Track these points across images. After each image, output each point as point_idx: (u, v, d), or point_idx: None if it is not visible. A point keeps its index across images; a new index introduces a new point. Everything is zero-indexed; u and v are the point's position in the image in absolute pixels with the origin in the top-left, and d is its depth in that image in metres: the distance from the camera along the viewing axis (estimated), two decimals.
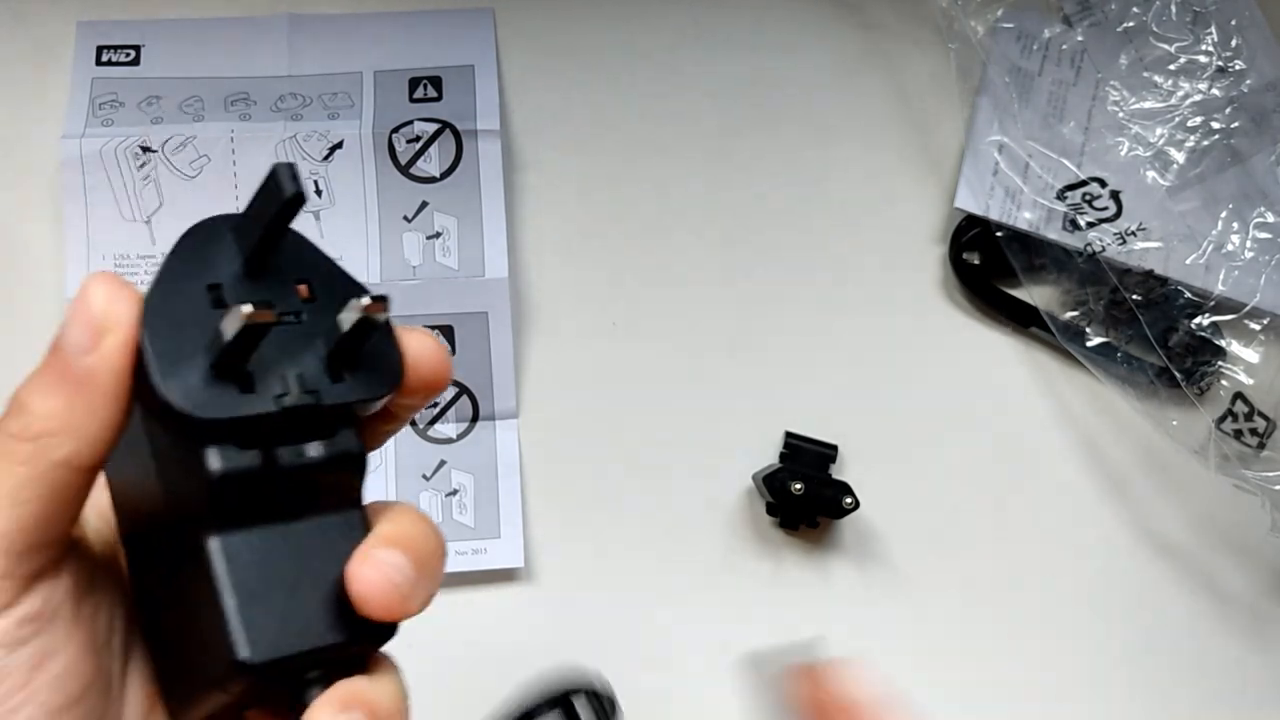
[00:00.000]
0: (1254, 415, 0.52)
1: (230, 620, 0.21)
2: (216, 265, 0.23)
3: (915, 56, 0.57)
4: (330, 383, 0.23)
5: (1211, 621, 0.52)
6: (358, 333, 0.23)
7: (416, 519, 0.24)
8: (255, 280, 0.23)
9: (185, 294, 0.22)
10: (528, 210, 0.54)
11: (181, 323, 0.22)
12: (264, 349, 0.22)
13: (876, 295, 0.55)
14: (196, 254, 0.23)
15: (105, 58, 0.53)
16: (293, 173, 0.22)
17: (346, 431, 0.23)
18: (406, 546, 0.23)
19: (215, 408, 0.21)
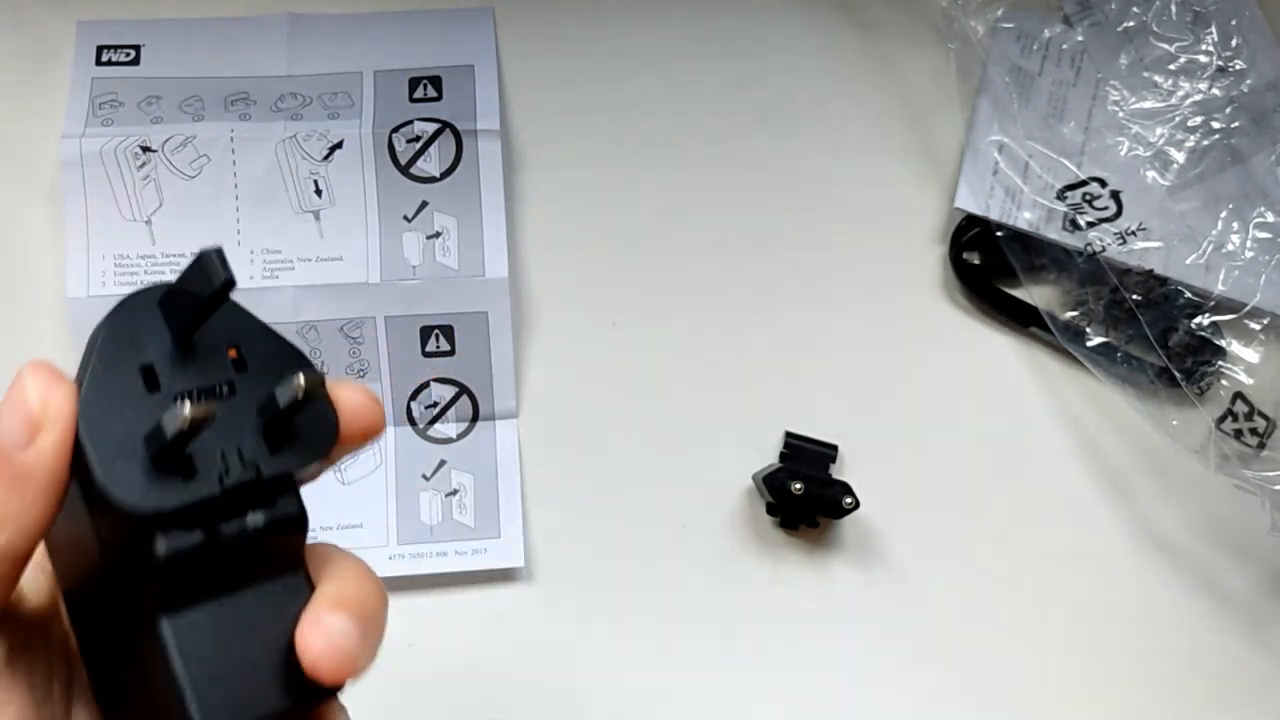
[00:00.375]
0: (1254, 415, 0.52)
1: (186, 697, 0.22)
2: (147, 344, 0.23)
3: (915, 57, 0.57)
4: (269, 454, 0.23)
5: (1211, 621, 0.52)
6: (295, 406, 0.23)
7: (359, 574, 0.24)
8: (186, 355, 0.23)
9: (119, 380, 0.22)
10: (528, 210, 0.54)
11: (118, 411, 0.22)
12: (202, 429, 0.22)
13: (876, 295, 0.55)
14: (126, 333, 0.23)
15: (105, 57, 0.53)
16: (222, 259, 0.22)
17: (286, 497, 0.23)
18: (352, 608, 0.23)
19: (160, 499, 0.21)
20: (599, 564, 0.51)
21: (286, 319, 0.50)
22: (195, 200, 0.50)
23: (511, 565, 0.50)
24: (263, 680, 0.23)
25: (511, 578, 0.51)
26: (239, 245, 0.50)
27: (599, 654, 0.50)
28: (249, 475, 0.22)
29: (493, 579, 0.51)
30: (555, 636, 0.51)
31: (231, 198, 0.51)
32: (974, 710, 0.51)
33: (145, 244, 0.50)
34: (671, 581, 0.51)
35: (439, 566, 0.50)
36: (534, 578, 0.51)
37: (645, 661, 0.50)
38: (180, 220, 0.50)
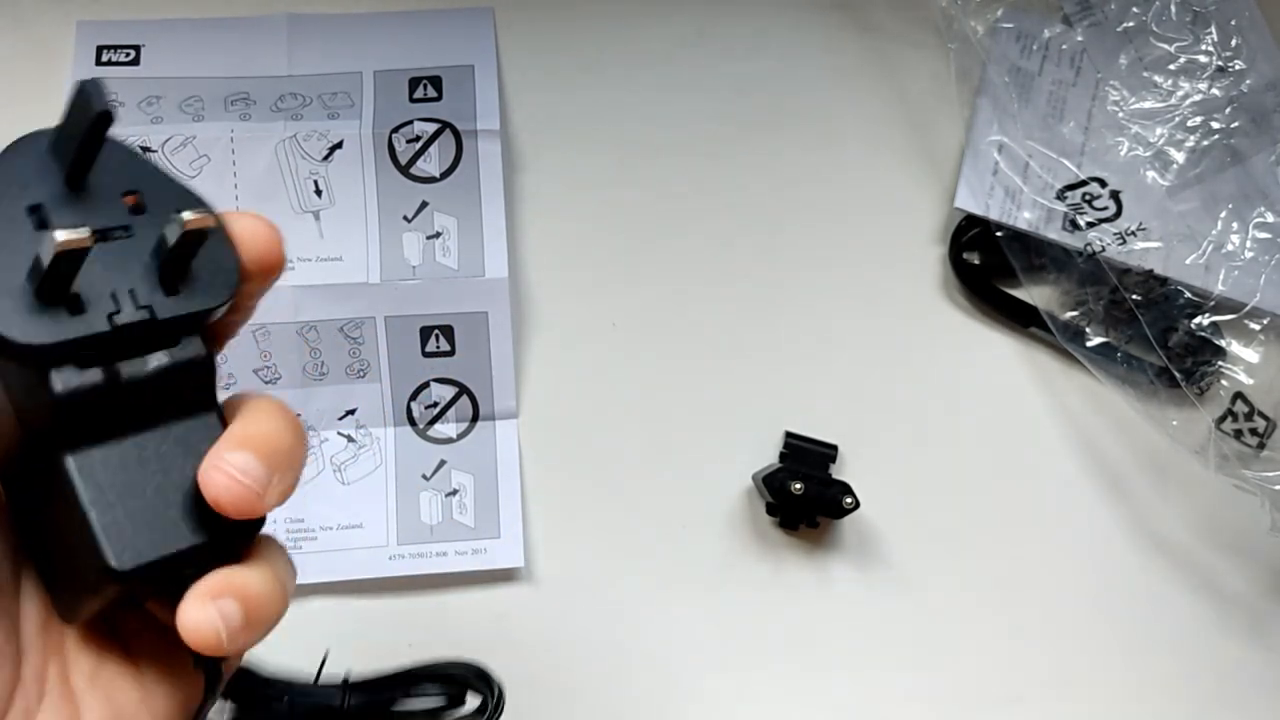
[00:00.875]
0: (1254, 415, 0.52)
1: (96, 532, 0.22)
2: (37, 184, 0.23)
3: (915, 57, 0.57)
4: (164, 296, 0.23)
5: (1211, 621, 0.52)
6: (186, 245, 0.23)
7: (270, 413, 0.24)
8: (79, 198, 0.23)
9: (6, 217, 0.22)
10: (528, 210, 0.54)
11: (5, 248, 0.22)
12: (93, 268, 0.22)
13: (876, 295, 0.55)
14: (15, 174, 0.23)
15: (105, 58, 0.53)
16: (99, 89, 0.22)
17: (190, 339, 0.24)
18: (257, 445, 0.23)
19: (44, 333, 0.21)
20: (599, 564, 0.51)
21: (286, 319, 0.50)
22: None
23: (511, 565, 0.50)
24: (173, 517, 0.23)
25: (511, 578, 0.51)
26: None
27: (599, 654, 0.50)
28: (142, 315, 0.23)
29: (493, 579, 0.51)
30: (555, 636, 0.51)
31: (231, 198, 0.51)
32: (974, 710, 0.51)
33: None
34: (671, 581, 0.51)
35: (439, 566, 0.50)
36: (534, 578, 0.51)
37: (645, 661, 0.50)
38: None
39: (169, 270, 0.23)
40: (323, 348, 0.51)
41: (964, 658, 0.51)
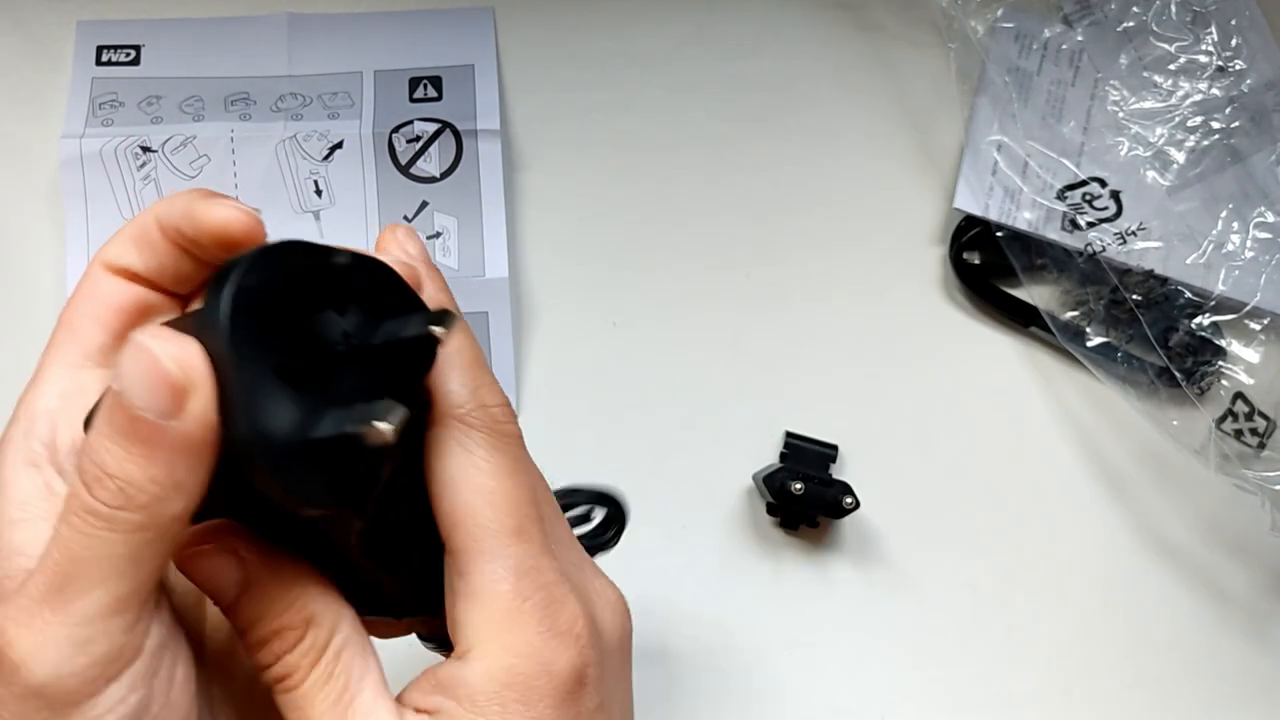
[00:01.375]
0: (1254, 415, 0.52)
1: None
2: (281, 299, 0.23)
3: (915, 57, 0.57)
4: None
5: (1211, 621, 0.52)
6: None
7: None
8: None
9: (274, 324, 0.22)
10: (528, 210, 0.54)
11: (259, 358, 0.22)
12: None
13: (877, 295, 0.55)
14: (264, 286, 0.22)
15: (105, 57, 0.53)
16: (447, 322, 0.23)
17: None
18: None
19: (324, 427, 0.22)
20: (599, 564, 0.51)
21: None
22: None
23: None
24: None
25: None
26: None
27: None
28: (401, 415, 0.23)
29: None
30: None
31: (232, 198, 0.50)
32: (974, 710, 0.51)
33: None
34: (672, 581, 0.51)
35: None
36: None
37: (646, 661, 0.50)
38: None
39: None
40: None
41: (964, 657, 0.51)
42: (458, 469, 0.25)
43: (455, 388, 0.25)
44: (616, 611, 0.30)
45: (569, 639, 0.25)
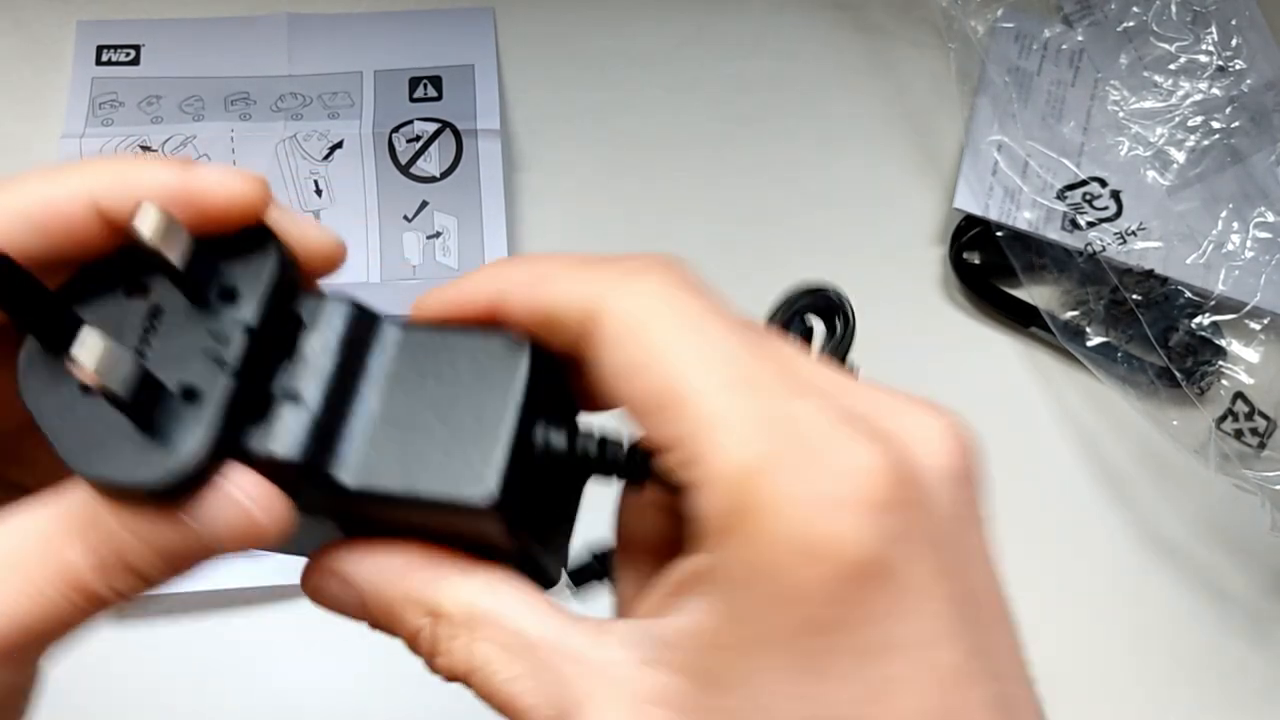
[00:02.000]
0: (1254, 415, 0.52)
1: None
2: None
3: (914, 57, 0.57)
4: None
5: (1211, 621, 0.52)
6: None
7: None
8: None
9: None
10: (528, 210, 0.54)
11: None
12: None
13: (876, 295, 0.55)
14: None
15: (105, 57, 0.53)
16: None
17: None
18: None
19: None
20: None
21: None
22: None
23: None
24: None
25: None
26: None
27: None
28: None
29: None
30: None
31: None
32: None
33: None
34: None
35: None
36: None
37: None
38: None
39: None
40: None
41: None
42: (637, 347, 0.19)
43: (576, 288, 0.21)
44: (940, 449, 0.21)
45: (845, 505, 0.18)
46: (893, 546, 0.18)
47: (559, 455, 0.21)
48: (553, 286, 0.21)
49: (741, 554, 0.18)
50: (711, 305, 0.21)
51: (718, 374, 0.19)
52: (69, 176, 0.21)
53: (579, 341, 0.20)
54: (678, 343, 0.19)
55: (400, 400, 0.21)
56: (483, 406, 0.21)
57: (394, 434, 0.21)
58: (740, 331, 0.20)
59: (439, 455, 0.20)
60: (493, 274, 0.22)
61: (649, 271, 0.21)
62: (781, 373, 0.19)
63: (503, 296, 0.22)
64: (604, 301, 0.20)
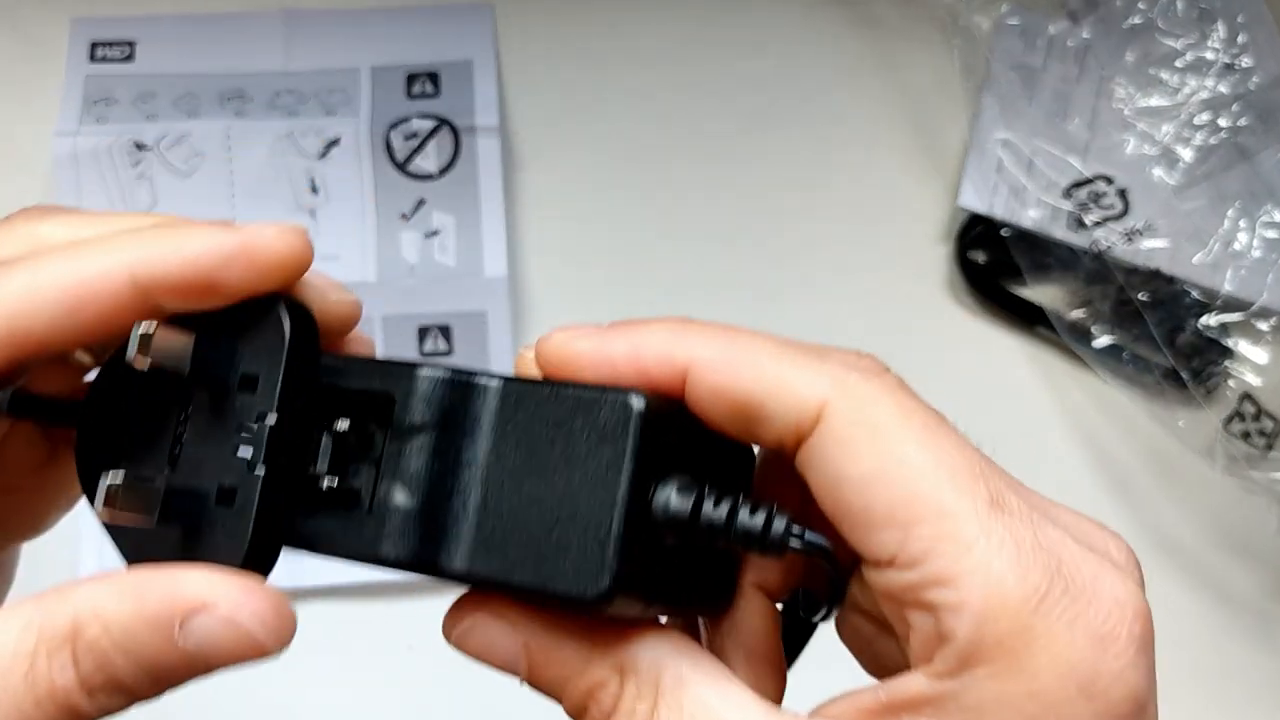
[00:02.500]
0: (1261, 416, 0.51)
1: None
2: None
3: (919, 54, 0.57)
4: None
5: (1218, 623, 0.52)
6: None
7: None
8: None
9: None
10: (527, 208, 0.54)
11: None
12: None
13: (881, 294, 0.54)
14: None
15: (99, 54, 0.52)
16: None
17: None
18: None
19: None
20: None
21: None
22: (190, 198, 0.50)
23: None
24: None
25: None
26: None
27: None
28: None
29: None
30: None
31: (227, 195, 0.50)
32: None
33: None
34: None
35: None
36: None
37: None
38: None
39: None
40: None
41: None
42: (874, 454, 0.19)
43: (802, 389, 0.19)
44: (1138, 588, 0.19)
45: (1118, 643, 0.18)
46: (1150, 684, 0.18)
47: (681, 522, 0.19)
48: (760, 371, 0.20)
49: (1006, 685, 0.17)
50: (938, 414, 0.20)
51: (971, 494, 0.18)
52: (104, 253, 0.20)
53: (787, 437, 0.19)
54: (921, 454, 0.19)
55: (506, 472, 0.20)
56: (595, 477, 0.19)
57: (501, 512, 0.19)
58: (970, 444, 0.20)
59: (550, 538, 0.19)
60: (670, 338, 0.20)
61: (876, 373, 0.21)
62: (1017, 492, 0.19)
63: (689, 367, 0.20)
64: (832, 399, 0.19)
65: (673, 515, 0.19)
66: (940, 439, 0.19)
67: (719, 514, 0.20)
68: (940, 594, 0.18)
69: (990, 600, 0.17)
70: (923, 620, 0.18)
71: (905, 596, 0.18)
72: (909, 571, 0.18)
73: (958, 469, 0.19)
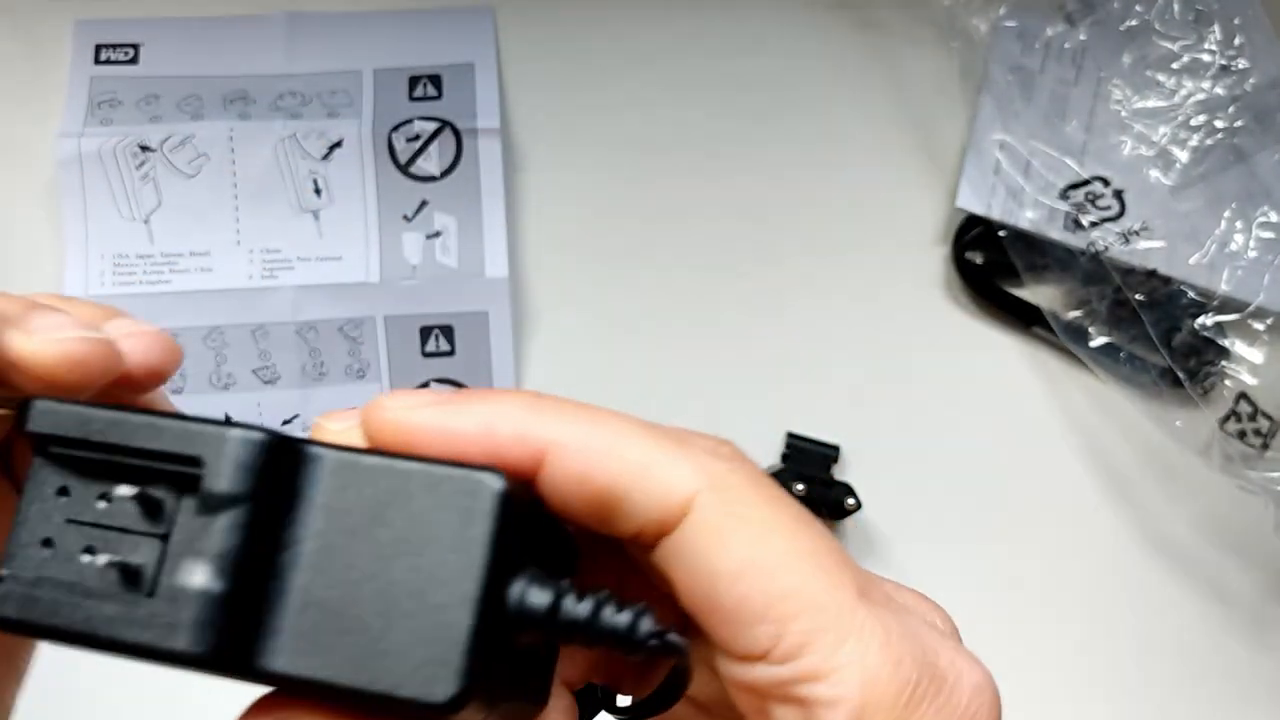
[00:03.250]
0: (1258, 415, 0.51)
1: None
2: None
3: (917, 56, 0.57)
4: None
5: (1215, 622, 0.52)
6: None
7: None
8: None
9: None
10: (528, 209, 0.54)
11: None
12: None
13: (879, 295, 0.55)
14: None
15: (104, 56, 0.53)
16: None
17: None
18: None
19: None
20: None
21: (286, 319, 0.50)
22: (194, 199, 0.50)
23: None
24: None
25: None
26: (238, 244, 0.50)
27: None
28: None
29: None
30: None
31: (230, 197, 0.50)
32: None
33: (144, 243, 0.50)
34: None
35: None
36: None
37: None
38: (179, 219, 0.50)
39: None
40: (322, 348, 0.51)
41: None
42: (746, 547, 0.18)
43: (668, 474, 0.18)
44: (983, 666, 0.21)
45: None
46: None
47: (537, 618, 0.18)
48: (625, 458, 0.18)
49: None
50: (795, 502, 0.19)
51: (842, 585, 0.18)
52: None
53: (648, 529, 0.18)
54: (793, 546, 0.18)
55: (336, 555, 0.17)
56: (444, 565, 0.17)
57: (329, 603, 0.17)
58: (829, 533, 0.19)
59: (388, 634, 0.17)
60: (526, 415, 0.19)
61: (740, 461, 0.19)
62: (871, 580, 0.19)
63: (548, 450, 0.18)
64: (701, 491, 0.18)
65: (529, 611, 0.17)
66: (809, 530, 0.19)
67: (580, 611, 0.18)
68: (816, 689, 0.17)
69: (867, 694, 0.17)
70: (791, 715, 0.18)
71: (774, 691, 0.18)
72: (782, 666, 0.18)
73: (828, 561, 0.18)
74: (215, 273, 0.50)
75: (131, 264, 0.50)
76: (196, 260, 0.50)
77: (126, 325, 0.21)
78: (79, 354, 0.19)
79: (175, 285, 0.50)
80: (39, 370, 0.19)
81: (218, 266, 0.50)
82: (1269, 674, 0.52)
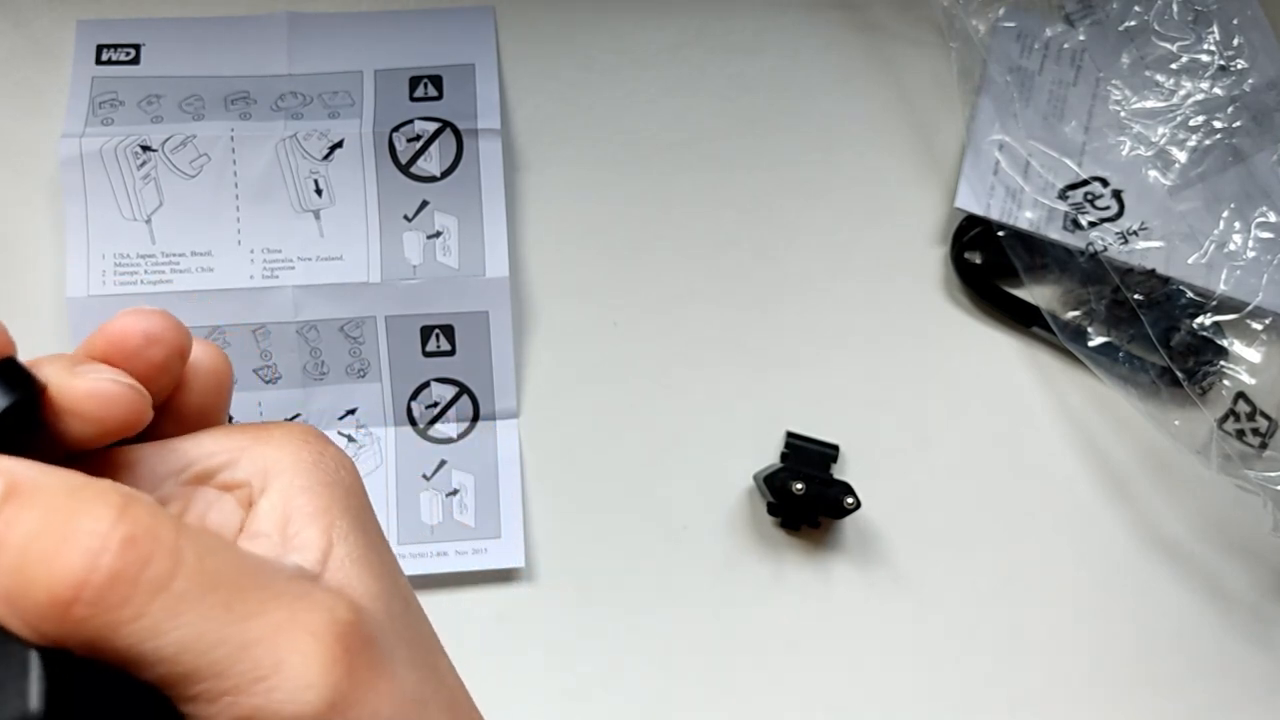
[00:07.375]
0: (1256, 415, 0.52)
1: None
2: None
3: (916, 56, 0.57)
4: None
5: (1213, 622, 0.52)
6: None
7: None
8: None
9: None
10: (528, 210, 0.54)
11: None
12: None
13: (878, 295, 0.55)
14: None
15: (105, 57, 0.53)
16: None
17: None
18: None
19: None
20: (599, 564, 0.51)
21: (286, 318, 0.50)
22: (195, 199, 0.50)
23: (512, 565, 0.50)
24: None
25: (511, 578, 0.51)
26: (239, 244, 0.50)
27: (599, 654, 0.50)
28: None
29: (493, 579, 0.51)
30: (555, 636, 0.50)
31: (231, 197, 0.50)
32: (975, 710, 0.51)
33: (145, 243, 0.50)
34: (672, 582, 0.51)
35: (439, 566, 0.50)
36: (534, 578, 0.51)
37: (646, 662, 0.50)
38: (180, 220, 0.50)
39: None
40: (323, 347, 0.51)
41: (965, 658, 0.51)
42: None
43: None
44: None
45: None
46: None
47: None
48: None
49: None
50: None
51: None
52: None
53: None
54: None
55: None
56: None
57: None
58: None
59: None
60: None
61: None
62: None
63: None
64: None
65: None
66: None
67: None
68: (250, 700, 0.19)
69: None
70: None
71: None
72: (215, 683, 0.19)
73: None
74: (216, 272, 0.50)
75: (133, 264, 0.50)
76: (198, 260, 0.50)
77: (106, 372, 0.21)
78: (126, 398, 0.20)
79: (177, 285, 0.50)
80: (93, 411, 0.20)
81: (219, 266, 0.50)
82: (1268, 673, 0.52)
